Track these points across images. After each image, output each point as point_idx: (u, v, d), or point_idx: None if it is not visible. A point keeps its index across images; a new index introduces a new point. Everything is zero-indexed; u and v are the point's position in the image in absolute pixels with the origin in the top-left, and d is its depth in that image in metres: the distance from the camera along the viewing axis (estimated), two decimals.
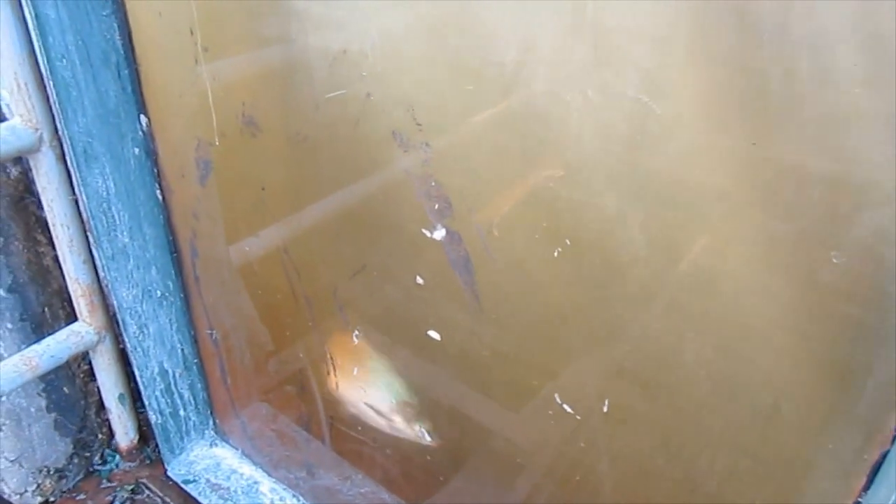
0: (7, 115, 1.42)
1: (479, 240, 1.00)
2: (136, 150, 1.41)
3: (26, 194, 1.65)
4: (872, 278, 0.74)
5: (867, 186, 0.71)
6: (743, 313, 0.82)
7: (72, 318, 1.70)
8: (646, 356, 0.93)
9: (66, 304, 1.73)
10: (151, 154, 1.42)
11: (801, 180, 0.73)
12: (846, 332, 0.78)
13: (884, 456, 0.81)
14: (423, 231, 1.05)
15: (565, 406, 1.03)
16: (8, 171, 1.57)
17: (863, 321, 0.77)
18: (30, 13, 1.21)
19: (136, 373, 1.63)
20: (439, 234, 1.03)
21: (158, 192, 1.46)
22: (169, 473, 1.80)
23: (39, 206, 1.58)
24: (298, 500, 1.71)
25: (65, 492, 1.87)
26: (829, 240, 0.74)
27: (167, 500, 1.81)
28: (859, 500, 0.85)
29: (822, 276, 0.76)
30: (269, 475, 1.75)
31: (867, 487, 0.84)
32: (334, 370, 1.36)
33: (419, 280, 1.10)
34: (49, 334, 1.66)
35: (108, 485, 1.86)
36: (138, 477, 1.86)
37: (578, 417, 1.03)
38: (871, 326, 0.77)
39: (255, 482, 1.75)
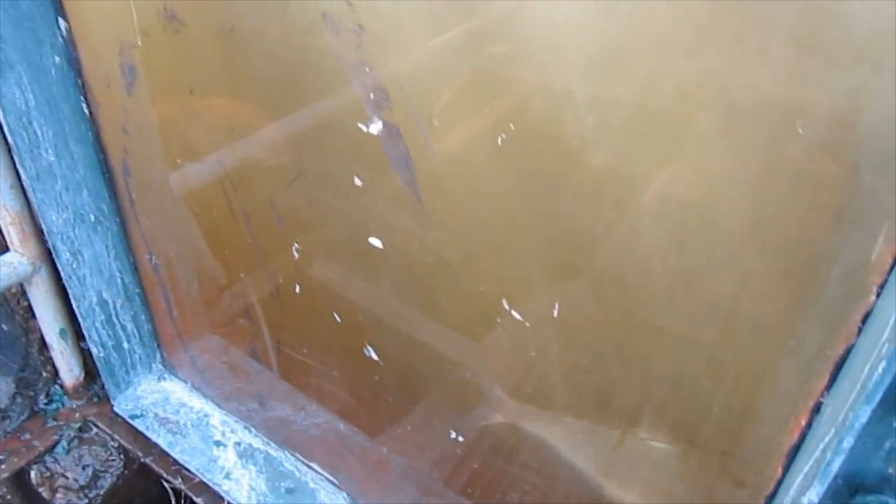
0: None
1: (418, 132, 0.92)
2: (57, 59, 1.30)
3: None
4: (841, 150, 0.67)
5: (837, 44, 0.63)
6: (701, 197, 0.76)
7: (3, 247, 1.60)
8: (597, 253, 0.86)
9: None
10: (74, 63, 1.31)
11: (765, 36, 0.66)
12: (811, 214, 0.72)
13: (848, 351, 0.75)
14: (359, 125, 0.96)
15: (514, 313, 0.97)
16: None
17: (829, 201, 0.70)
18: None
19: (74, 303, 1.54)
20: (376, 127, 0.95)
21: (84, 105, 1.36)
22: (115, 409, 1.73)
23: None
24: (251, 432, 1.65)
25: (9, 432, 1.79)
26: (794, 106, 0.67)
27: (116, 436, 1.74)
28: (821, 399, 0.80)
29: (786, 151, 0.69)
30: (220, 408, 1.69)
31: (830, 386, 0.78)
32: (277, 290, 1.28)
33: (357, 182, 1.02)
34: None
35: (55, 424, 1.78)
36: (85, 415, 1.79)
37: (528, 324, 0.97)
38: (838, 207, 0.70)
39: (206, 415, 1.69)
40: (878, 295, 0.72)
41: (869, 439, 0.73)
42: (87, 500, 1.75)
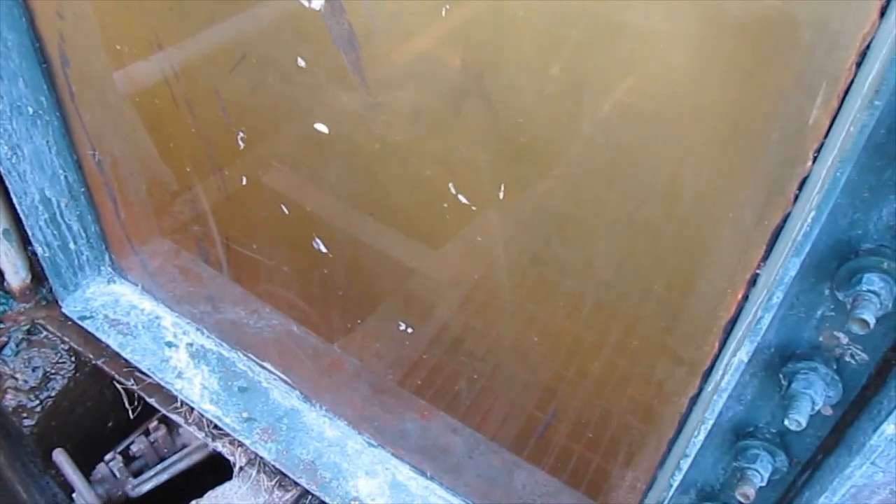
0: None
1: (361, 7, 0.89)
2: None
3: None
4: (780, 6, 0.66)
5: None
6: (643, 67, 0.75)
7: None
8: (542, 127, 0.85)
9: None
10: None
11: None
12: (749, 77, 0.71)
13: (785, 220, 0.76)
14: (302, 1, 0.93)
15: (460, 196, 0.96)
16: None
17: (768, 62, 0.70)
18: None
19: (15, 200, 1.50)
20: (318, 2, 0.91)
21: None
22: (64, 310, 1.71)
23: None
24: (203, 334, 1.64)
25: None
26: None
27: (66, 339, 1.72)
28: (758, 271, 0.81)
29: (725, 11, 0.68)
30: (172, 310, 1.68)
31: (766, 257, 0.80)
32: (223, 183, 1.26)
33: (301, 62, 0.99)
34: None
35: (2, 326, 1.75)
36: (34, 317, 1.76)
37: (474, 208, 0.96)
38: (776, 68, 0.69)
39: (157, 317, 1.68)
40: (815, 160, 0.72)
41: (801, 307, 0.75)
42: (38, 402, 1.74)
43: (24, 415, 1.76)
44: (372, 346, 1.35)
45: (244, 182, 1.21)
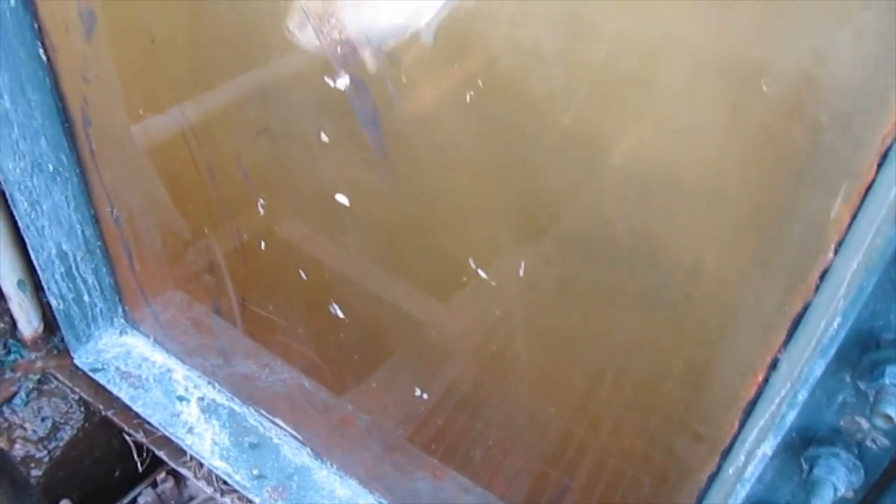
0: None
1: (386, 88, 0.91)
2: (12, 2, 1.25)
3: None
4: (804, 109, 0.67)
5: (802, 2, 0.63)
6: (665, 158, 0.76)
7: None
8: (564, 211, 0.86)
9: None
10: (29, 5, 1.26)
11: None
12: (773, 172, 0.73)
13: (806, 307, 0.77)
14: (326, 79, 0.95)
15: (480, 272, 0.97)
16: None
17: (791, 159, 0.71)
18: None
19: (32, 254, 1.51)
20: (343, 81, 0.93)
21: (41, 50, 1.31)
22: (76, 362, 1.71)
23: None
24: (214, 388, 1.64)
25: None
26: (759, 65, 0.67)
27: (76, 389, 1.73)
28: (778, 355, 0.82)
29: (751, 108, 0.69)
30: (183, 363, 1.68)
31: (787, 342, 0.80)
32: (242, 245, 1.27)
33: (324, 138, 1.01)
34: None
35: (12, 375, 1.76)
36: (45, 367, 1.77)
37: (494, 284, 0.97)
38: (799, 165, 0.71)
39: (169, 370, 1.68)
40: (836, 252, 0.73)
41: (822, 393, 0.75)
42: (46, 452, 1.74)
43: (32, 465, 1.75)
44: (385, 408, 1.35)
45: (263, 246, 1.22)
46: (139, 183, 1.39)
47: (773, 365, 0.83)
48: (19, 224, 1.47)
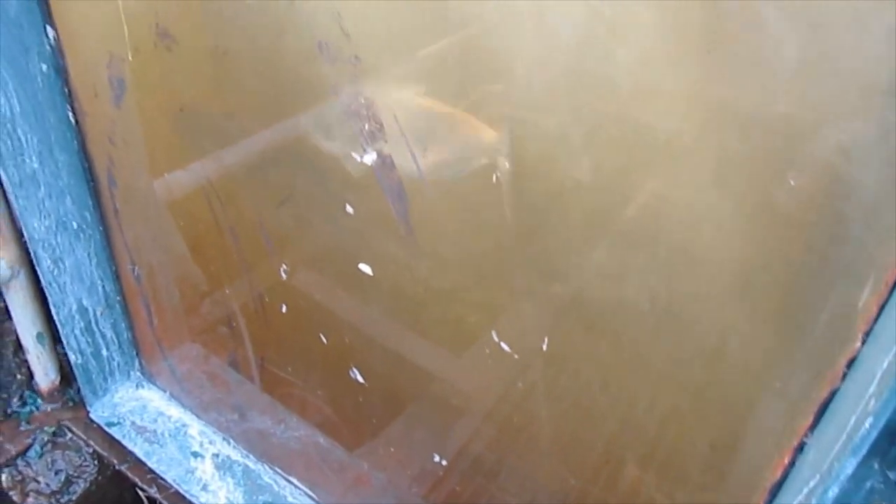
0: None
1: (412, 164, 0.92)
2: (44, 67, 1.28)
3: None
4: (831, 202, 0.68)
5: (830, 100, 0.64)
6: (691, 240, 0.77)
7: None
8: (588, 290, 0.87)
9: None
10: (61, 71, 1.29)
11: (758, 95, 0.67)
12: (799, 262, 0.73)
13: (833, 394, 0.77)
14: (353, 154, 0.96)
15: (503, 344, 0.97)
16: None
17: (817, 250, 0.72)
18: None
19: (53, 310, 1.52)
20: (370, 157, 0.95)
21: (70, 113, 1.34)
22: (91, 416, 1.71)
23: None
24: (230, 444, 1.64)
25: None
26: (786, 159, 0.68)
27: (90, 443, 1.72)
28: (805, 440, 0.82)
29: (777, 202, 0.70)
30: (199, 418, 1.68)
31: (814, 427, 0.80)
32: (263, 308, 1.28)
33: (349, 209, 1.02)
34: None
35: (28, 427, 1.76)
36: (60, 419, 1.77)
37: (517, 356, 0.97)
38: (825, 256, 0.71)
39: (184, 425, 1.68)
40: (864, 342, 0.73)
41: (850, 481, 0.75)
42: None
43: None
44: (401, 468, 1.34)
45: (284, 309, 1.23)
46: (161, 241, 1.40)
47: (800, 448, 0.82)
48: (42, 280, 1.49)
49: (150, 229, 1.40)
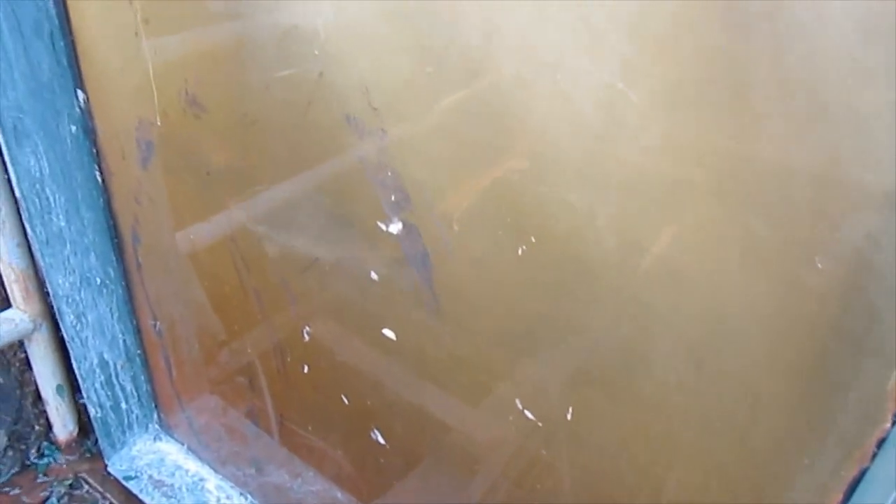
0: None
1: (438, 234, 0.93)
2: (73, 128, 1.31)
3: None
4: (859, 286, 0.69)
5: (860, 187, 0.65)
6: (719, 318, 0.77)
7: (5, 303, 1.59)
8: (613, 361, 0.87)
9: (1, 288, 1.63)
10: (89, 133, 1.32)
11: (785, 179, 0.68)
12: (828, 341, 0.73)
13: (862, 473, 0.77)
14: (379, 224, 0.98)
15: (526, 412, 0.97)
16: None
17: (846, 330, 0.72)
18: None
19: (74, 364, 1.54)
20: (395, 227, 0.96)
21: (98, 173, 1.37)
22: (109, 469, 1.71)
23: None
24: (246, 499, 1.63)
25: None
26: (814, 243, 0.69)
27: (107, 495, 1.72)
28: None
29: (804, 281, 0.71)
30: (216, 472, 1.67)
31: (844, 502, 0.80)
32: (284, 367, 1.28)
33: (374, 276, 1.03)
34: None
35: (45, 479, 1.76)
36: (77, 471, 1.77)
37: (540, 424, 0.97)
38: (854, 336, 0.72)
39: (201, 479, 1.67)
40: (894, 423, 0.73)
41: None
42: None
43: None
44: None
45: (306, 370, 1.24)
46: (183, 297, 1.41)
47: None
48: (64, 335, 1.50)
49: (173, 285, 1.42)
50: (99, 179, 1.37)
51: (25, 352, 1.68)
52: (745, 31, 0.65)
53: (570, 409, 0.94)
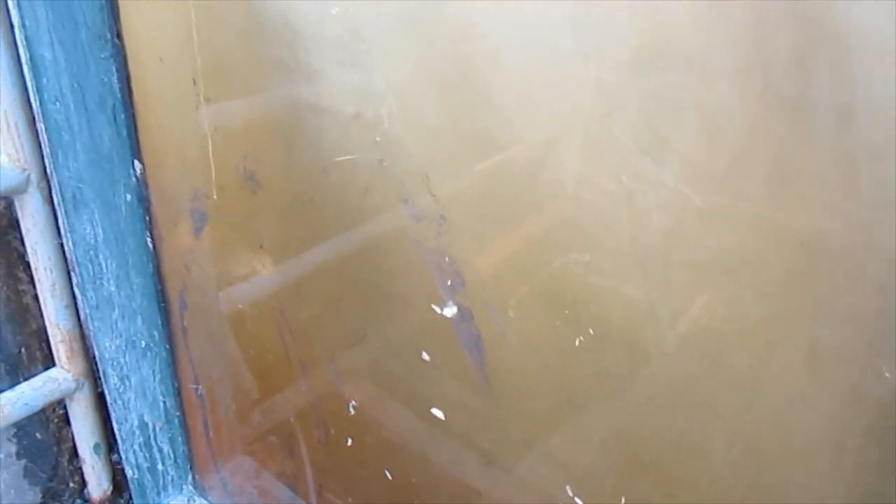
0: None
1: (492, 319, 0.94)
2: (128, 197, 1.35)
3: (9, 229, 1.58)
4: None
5: None
6: (780, 422, 0.77)
7: (48, 361, 1.62)
8: (670, 455, 0.87)
9: (43, 345, 1.65)
10: (144, 201, 1.36)
11: (853, 286, 0.68)
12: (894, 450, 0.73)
13: None
14: (433, 307, 0.99)
15: (577, 500, 0.97)
16: None
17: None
18: (25, 54, 1.15)
19: (115, 426, 1.55)
20: (450, 310, 0.97)
21: (149, 239, 1.39)
22: None
23: (22, 242, 1.51)
24: None
25: None
26: (881, 351, 0.69)
27: None
28: None
29: (870, 390, 0.70)
30: None
31: None
32: (327, 438, 1.29)
33: (425, 356, 1.04)
34: (24, 377, 1.58)
35: None
36: None
37: None
38: None
39: None
40: None
41: None
42: None
43: None
44: None
45: (349, 443, 1.24)
46: (226, 363, 1.43)
47: None
48: (107, 397, 1.52)
49: (217, 350, 1.43)
50: (150, 246, 1.40)
51: (64, 409, 1.70)
52: (819, 142, 0.66)
53: (623, 499, 0.93)
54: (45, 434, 1.74)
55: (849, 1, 0.60)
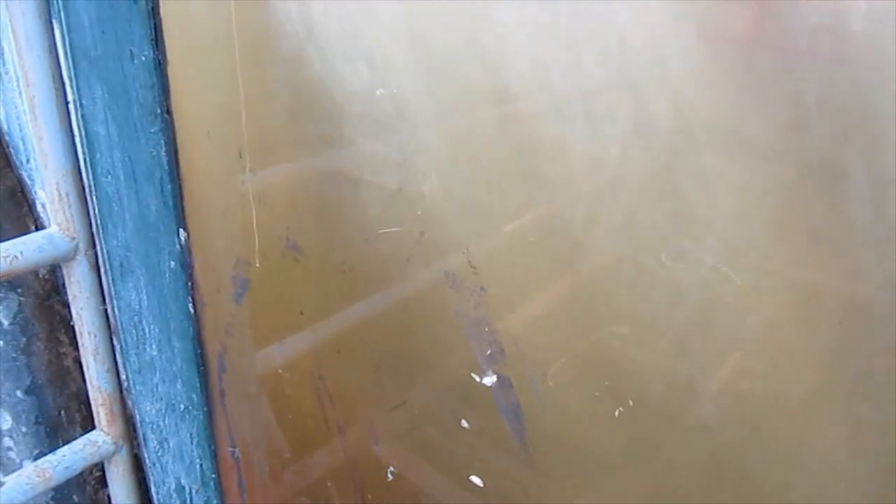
0: (45, 223, 1.42)
1: (531, 388, 0.96)
2: (172, 264, 1.39)
3: (52, 293, 1.63)
4: None
5: None
6: (820, 497, 0.77)
7: (88, 423, 1.65)
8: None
9: (83, 407, 1.68)
10: (187, 267, 1.40)
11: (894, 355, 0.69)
12: None
13: None
14: (473, 375, 1.01)
15: None
16: (37, 270, 1.55)
17: None
18: (79, 130, 1.20)
19: (153, 489, 1.56)
20: (489, 379, 0.99)
21: (191, 304, 1.43)
22: None
23: (65, 305, 1.56)
24: None
25: None
26: None
27: None
28: None
29: None
30: None
31: None
32: (363, 503, 1.29)
33: (464, 423, 1.05)
34: (63, 440, 1.61)
35: None
36: None
37: None
38: None
39: None
40: None
41: None
42: None
43: None
44: None
45: None
46: (264, 426, 1.45)
47: None
48: (146, 461, 1.54)
49: (254, 413, 1.45)
50: (191, 310, 1.44)
51: (101, 471, 1.72)
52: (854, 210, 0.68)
53: None
54: (83, 497, 1.75)
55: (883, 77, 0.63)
